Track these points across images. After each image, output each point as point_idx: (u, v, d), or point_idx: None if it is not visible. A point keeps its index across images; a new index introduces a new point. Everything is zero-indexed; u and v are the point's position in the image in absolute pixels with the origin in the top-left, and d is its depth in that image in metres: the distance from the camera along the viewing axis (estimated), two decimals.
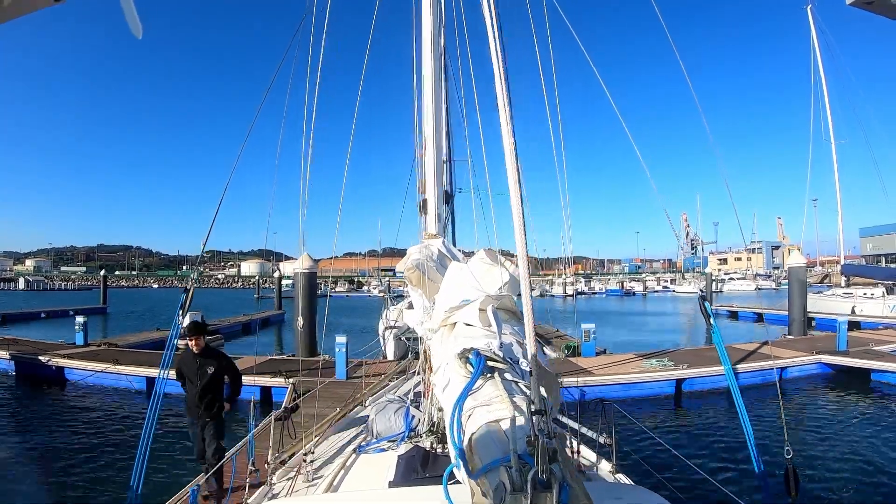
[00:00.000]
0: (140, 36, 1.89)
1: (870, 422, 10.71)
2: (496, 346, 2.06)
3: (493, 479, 1.33)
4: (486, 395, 1.73)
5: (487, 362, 1.91)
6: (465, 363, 1.97)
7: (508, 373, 1.90)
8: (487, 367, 1.88)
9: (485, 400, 1.70)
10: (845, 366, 14.38)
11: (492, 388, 1.77)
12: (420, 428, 4.10)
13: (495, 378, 1.83)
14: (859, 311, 26.14)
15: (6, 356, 15.89)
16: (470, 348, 2.01)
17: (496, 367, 1.91)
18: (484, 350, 1.98)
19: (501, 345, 2.09)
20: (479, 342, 2.10)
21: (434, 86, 4.57)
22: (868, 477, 7.79)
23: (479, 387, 1.78)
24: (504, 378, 1.84)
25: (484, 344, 2.06)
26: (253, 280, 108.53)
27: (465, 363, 1.96)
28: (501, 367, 1.92)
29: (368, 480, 3.37)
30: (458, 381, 1.95)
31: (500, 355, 1.98)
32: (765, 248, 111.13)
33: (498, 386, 1.76)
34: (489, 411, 1.63)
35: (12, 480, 7.66)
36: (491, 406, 1.65)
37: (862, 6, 1.72)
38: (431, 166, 4.57)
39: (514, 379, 1.87)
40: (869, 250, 60.92)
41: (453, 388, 1.96)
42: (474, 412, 1.66)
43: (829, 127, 31.46)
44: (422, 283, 3.82)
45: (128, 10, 1.78)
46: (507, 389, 1.74)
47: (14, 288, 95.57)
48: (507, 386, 1.77)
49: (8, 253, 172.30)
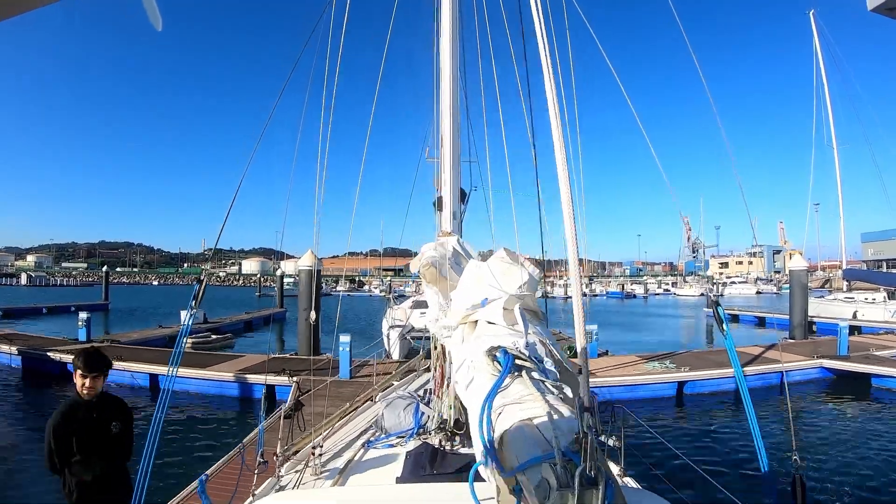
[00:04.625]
0: (160, 28, 1.92)
1: (870, 427, 10.74)
2: (522, 345, 2.07)
3: (534, 475, 1.34)
4: (517, 393, 1.74)
5: (515, 361, 1.93)
6: (492, 360, 1.98)
7: (535, 372, 1.92)
8: (515, 366, 1.90)
9: (516, 398, 1.71)
10: (846, 370, 14.42)
11: (521, 386, 1.79)
12: (429, 425, 4.12)
13: (523, 377, 1.85)
14: (861, 315, 26.12)
15: (14, 351, 16.02)
16: (497, 346, 2.02)
17: (523, 365, 1.93)
18: (511, 349, 2.00)
19: (527, 344, 2.11)
20: (504, 340, 2.11)
21: (452, 84, 4.62)
22: (868, 482, 7.81)
23: (508, 385, 1.80)
24: (532, 377, 1.86)
25: (510, 342, 2.08)
26: (254, 278, 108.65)
27: (493, 361, 1.97)
28: (528, 366, 1.93)
29: (376, 475, 3.39)
30: (484, 378, 1.96)
31: (526, 354, 1.99)
32: (766, 252, 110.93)
33: (528, 384, 1.78)
34: (522, 409, 1.64)
35: (17, 472, 7.71)
36: (524, 404, 1.66)
37: (883, 12, 1.73)
38: (448, 164, 4.59)
39: (541, 378, 1.89)
40: (871, 255, 60.80)
41: (479, 385, 1.97)
42: (504, 410, 1.67)
43: (831, 131, 31.52)
44: (437, 280, 3.85)
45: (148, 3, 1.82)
46: (537, 388, 1.76)
47: (16, 283, 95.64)
48: (535, 385, 1.79)
49: (10, 248, 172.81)
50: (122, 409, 4.01)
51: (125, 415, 3.98)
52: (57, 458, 3.66)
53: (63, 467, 3.67)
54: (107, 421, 3.80)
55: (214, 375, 13.27)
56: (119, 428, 3.85)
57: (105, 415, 3.82)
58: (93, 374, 3.76)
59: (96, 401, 3.81)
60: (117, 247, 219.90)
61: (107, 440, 3.78)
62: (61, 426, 3.67)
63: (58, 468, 3.68)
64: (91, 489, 3.70)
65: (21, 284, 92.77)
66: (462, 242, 4.36)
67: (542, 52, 1.72)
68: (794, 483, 2.96)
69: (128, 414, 4.02)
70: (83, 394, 3.77)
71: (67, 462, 3.67)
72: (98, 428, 3.75)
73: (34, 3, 1.36)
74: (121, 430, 3.86)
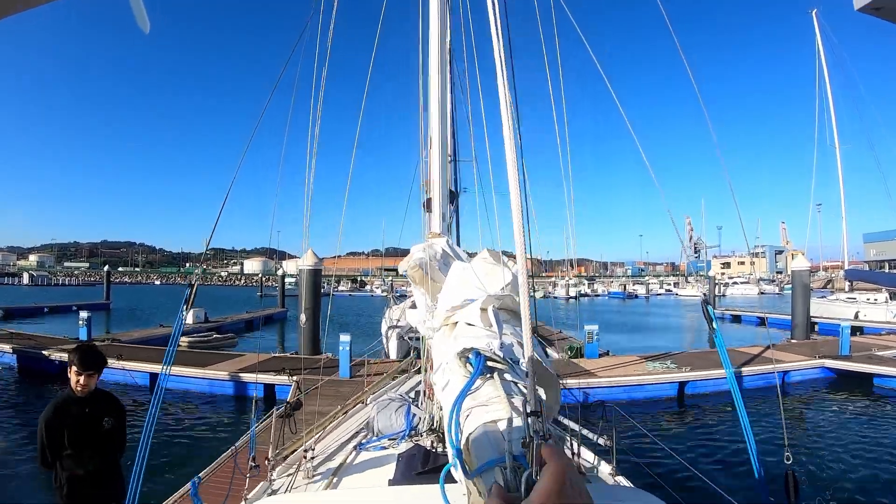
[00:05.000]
0: (147, 31, 1.90)
1: (872, 427, 10.70)
2: (496, 347, 2.06)
3: (487, 479, 1.34)
4: (485, 395, 1.73)
5: (487, 362, 1.91)
6: (464, 363, 1.97)
7: (508, 373, 1.90)
8: (487, 368, 1.88)
9: (483, 400, 1.70)
10: (848, 370, 14.38)
11: (491, 388, 1.77)
12: (421, 427, 4.10)
13: (494, 378, 1.83)
14: (863, 316, 26.06)
15: (9, 350, 16.02)
16: (470, 348, 2.01)
17: (496, 367, 1.91)
18: (484, 350, 1.99)
19: (502, 345, 2.10)
20: (479, 342, 2.10)
21: (440, 84, 4.59)
22: (869, 483, 7.78)
23: (479, 387, 1.79)
24: (504, 378, 1.85)
25: (485, 344, 2.07)
26: (256, 278, 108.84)
27: (465, 363, 1.96)
28: (501, 368, 1.92)
29: (368, 478, 3.38)
30: (457, 380, 1.96)
31: (500, 355, 1.98)
32: (768, 253, 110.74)
33: (497, 386, 1.77)
34: (487, 411, 1.63)
35: (11, 476, 7.69)
36: (489, 406, 1.66)
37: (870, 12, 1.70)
38: (436, 165, 4.57)
39: (514, 379, 1.87)
40: (873, 256, 60.65)
41: (452, 387, 1.97)
42: (472, 412, 1.67)
43: (833, 131, 31.41)
44: (424, 281, 3.83)
45: (136, 5, 1.80)
46: (507, 390, 1.75)
47: (18, 283, 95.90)
48: (506, 386, 1.78)
49: (12, 248, 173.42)
50: (114, 404, 4.00)
51: (118, 410, 3.97)
52: (49, 452, 3.63)
53: (54, 461, 3.65)
54: (99, 416, 3.79)
55: (214, 374, 13.29)
56: (111, 423, 3.83)
57: (97, 410, 3.80)
58: (87, 372, 3.73)
59: (89, 396, 3.79)
60: (119, 246, 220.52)
61: (99, 435, 3.76)
62: (53, 420, 3.65)
63: (49, 462, 3.68)
64: (83, 484, 3.67)
65: (23, 284, 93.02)
66: (451, 244, 4.34)
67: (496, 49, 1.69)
68: (787, 479, 2.93)
69: (120, 409, 4.01)
70: (76, 390, 3.74)
71: (59, 456, 3.64)
72: (90, 423, 3.73)
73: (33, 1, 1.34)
74: (113, 425, 3.84)
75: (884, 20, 1.76)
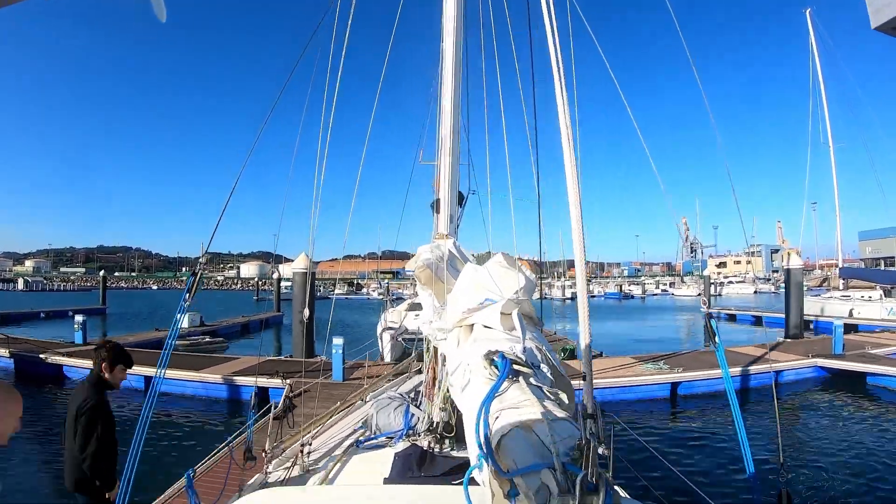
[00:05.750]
0: (164, 20, 1.94)
1: (865, 426, 10.74)
2: (519, 351, 2.08)
3: (532, 481, 1.35)
4: (514, 398, 1.75)
5: (513, 366, 1.93)
6: (490, 365, 1.98)
7: (532, 377, 1.92)
8: (512, 371, 1.90)
9: (512, 403, 1.72)
10: (841, 369, 14.44)
11: (518, 391, 1.79)
12: (419, 427, 4.12)
13: (520, 382, 1.85)
14: (857, 313, 26.19)
15: (6, 354, 15.95)
16: (496, 350, 2.03)
17: (521, 370, 1.93)
18: (508, 354, 2.00)
19: (525, 349, 2.12)
20: (501, 345, 2.12)
21: (454, 87, 4.64)
22: (863, 482, 7.79)
23: (505, 389, 1.81)
24: (529, 382, 1.87)
25: (507, 347, 2.09)
26: (252, 282, 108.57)
27: (490, 365, 1.98)
28: (526, 372, 1.93)
29: (364, 475, 3.38)
30: (479, 382, 1.97)
31: (523, 359, 2.00)
32: (764, 252, 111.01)
33: (525, 390, 1.79)
34: (519, 414, 1.64)
35: (9, 477, 7.68)
36: (521, 409, 1.67)
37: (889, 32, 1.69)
38: (446, 166, 4.61)
39: (538, 384, 1.89)
40: (868, 254, 60.90)
41: (475, 389, 1.98)
42: (501, 414, 1.68)
43: (827, 130, 31.60)
44: (432, 282, 3.85)
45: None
46: (535, 394, 1.77)
47: (13, 288, 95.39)
48: (533, 390, 1.80)
49: (7, 254, 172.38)
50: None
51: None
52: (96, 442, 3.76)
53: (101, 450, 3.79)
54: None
55: (208, 378, 13.25)
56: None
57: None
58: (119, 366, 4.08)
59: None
60: (115, 251, 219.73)
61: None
62: (100, 408, 3.87)
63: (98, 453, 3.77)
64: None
65: (18, 290, 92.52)
66: (458, 245, 4.36)
67: (553, 61, 1.72)
68: (780, 498, 2.96)
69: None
70: (117, 385, 4.10)
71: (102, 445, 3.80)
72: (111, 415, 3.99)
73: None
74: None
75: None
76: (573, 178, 1.61)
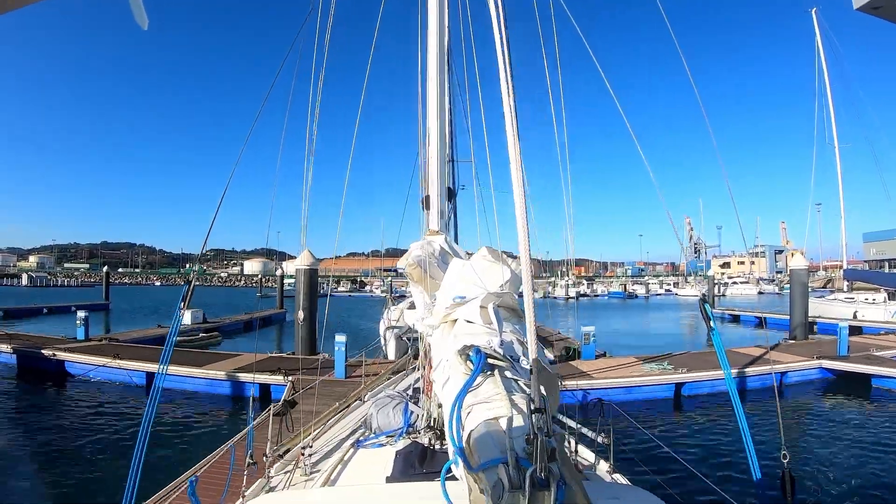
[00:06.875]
0: (146, 27, 1.92)
1: (869, 427, 10.68)
2: (496, 344, 2.06)
3: (490, 476, 1.34)
4: (486, 392, 1.73)
5: (488, 360, 1.91)
6: (465, 360, 1.97)
7: (509, 371, 1.90)
8: (487, 365, 1.88)
9: (484, 397, 1.70)
10: (846, 371, 14.36)
11: (491, 385, 1.77)
12: (419, 424, 4.10)
13: (495, 376, 1.83)
14: (861, 316, 26.07)
15: (8, 349, 16.02)
16: (470, 345, 2.01)
17: (496, 364, 1.91)
18: (484, 347, 1.98)
19: (502, 342, 2.09)
20: (479, 339, 2.10)
21: (438, 83, 4.59)
22: (866, 483, 7.76)
23: (479, 384, 1.79)
24: (504, 376, 1.84)
25: (485, 341, 2.07)
26: (256, 279, 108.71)
27: (466, 360, 1.96)
28: (502, 365, 1.91)
29: (366, 475, 3.37)
30: (457, 377, 1.96)
31: (500, 353, 1.97)
32: (768, 253, 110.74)
33: (497, 384, 1.77)
34: (489, 409, 1.63)
35: (10, 473, 7.69)
36: (490, 403, 1.65)
37: (869, 11, 1.71)
38: (435, 162, 4.57)
39: (514, 377, 1.87)
40: (872, 255, 60.73)
41: (453, 384, 1.96)
42: (473, 409, 1.66)
43: (832, 131, 31.45)
44: (423, 279, 3.82)
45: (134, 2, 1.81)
46: (507, 387, 1.74)
47: (17, 284, 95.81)
48: (506, 384, 1.77)
49: (11, 249, 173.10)
50: None
51: None
52: None
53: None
54: None
55: (210, 374, 13.28)
56: None
57: None
58: None
59: None
60: (119, 247, 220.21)
61: None
62: None
63: None
64: None
65: (22, 285, 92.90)
66: (450, 241, 4.32)
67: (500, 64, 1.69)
68: (783, 478, 2.93)
69: None
70: None
71: None
72: None
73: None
74: None
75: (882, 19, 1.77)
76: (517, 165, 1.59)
